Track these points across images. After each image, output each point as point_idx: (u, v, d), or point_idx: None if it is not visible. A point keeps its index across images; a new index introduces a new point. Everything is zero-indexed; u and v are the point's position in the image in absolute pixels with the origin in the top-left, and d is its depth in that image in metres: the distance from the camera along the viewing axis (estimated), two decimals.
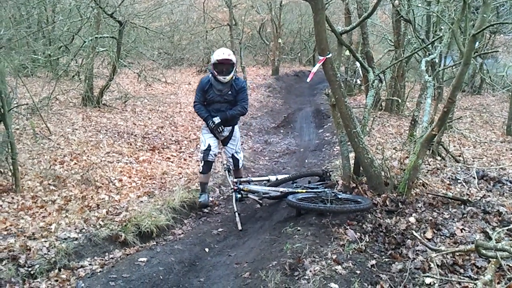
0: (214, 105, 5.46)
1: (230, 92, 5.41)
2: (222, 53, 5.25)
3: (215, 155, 5.58)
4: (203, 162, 5.49)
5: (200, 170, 5.58)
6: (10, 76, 7.90)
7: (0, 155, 5.25)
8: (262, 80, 17.83)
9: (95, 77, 10.83)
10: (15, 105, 6.30)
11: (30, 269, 3.69)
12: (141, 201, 5.34)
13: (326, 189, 4.79)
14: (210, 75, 5.36)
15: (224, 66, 5.24)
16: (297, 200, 4.55)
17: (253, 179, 5.83)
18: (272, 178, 5.73)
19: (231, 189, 5.31)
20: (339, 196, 4.59)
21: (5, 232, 4.16)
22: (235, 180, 5.42)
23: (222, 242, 4.74)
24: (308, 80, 5.13)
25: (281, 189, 5.19)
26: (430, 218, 4.19)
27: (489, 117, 12.20)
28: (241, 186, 5.23)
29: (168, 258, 4.18)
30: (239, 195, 5.24)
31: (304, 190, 4.95)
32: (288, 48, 24.56)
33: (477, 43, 6.67)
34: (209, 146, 5.46)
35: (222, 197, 6.09)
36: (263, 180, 5.79)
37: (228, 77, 5.25)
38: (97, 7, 9.20)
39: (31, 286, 3.55)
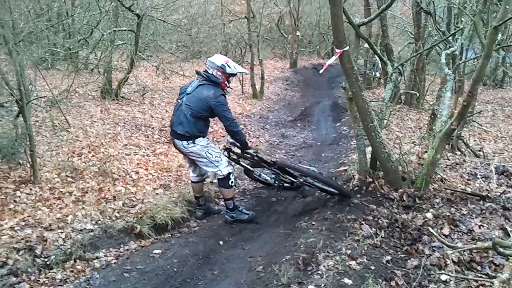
0: None
1: None
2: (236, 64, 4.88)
3: None
4: (233, 177, 4.94)
5: (233, 184, 4.95)
6: (30, 69, 8.00)
7: (19, 147, 5.33)
8: (280, 73, 17.75)
9: (113, 70, 10.89)
10: (35, 97, 6.37)
11: (46, 259, 3.74)
12: (157, 194, 5.37)
13: None
14: (218, 87, 4.74)
15: None
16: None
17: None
18: None
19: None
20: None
21: (23, 223, 4.22)
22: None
23: (236, 235, 4.73)
24: (321, 71, 5.06)
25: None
26: (448, 214, 4.12)
27: (511, 111, 11.95)
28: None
29: (183, 250, 4.20)
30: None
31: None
32: (307, 40, 24.34)
33: (500, 35, 6.51)
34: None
35: (237, 190, 6.07)
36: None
37: None
38: (115, 0, 9.24)
39: (47, 276, 3.60)
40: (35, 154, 5.18)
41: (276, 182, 5.30)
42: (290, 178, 5.30)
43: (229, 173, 4.82)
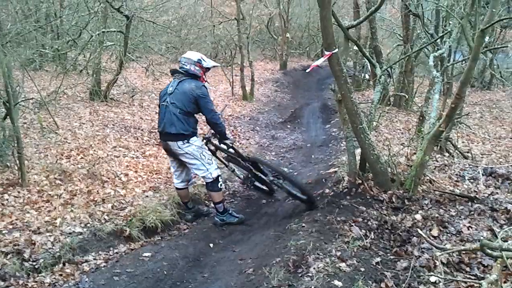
0: None
1: None
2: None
3: None
4: (221, 179, 4.98)
5: (223, 188, 5.08)
6: (17, 70, 7.92)
7: (7, 149, 5.27)
8: (270, 74, 17.77)
9: (102, 72, 10.82)
10: (22, 99, 6.30)
11: (34, 263, 3.71)
12: (147, 196, 5.34)
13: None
14: (198, 80, 4.79)
15: None
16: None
17: None
18: None
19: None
20: None
21: (11, 226, 4.18)
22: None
23: (226, 237, 4.73)
24: (308, 70, 5.08)
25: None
26: (437, 215, 4.15)
27: (498, 113, 12.09)
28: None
29: (173, 253, 4.18)
30: None
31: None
32: (296, 42, 24.41)
33: (487, 38, 6.57)
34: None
35: (228, 192, 6.06)
36: None
37: None
38: (104, 1, 9.18)
39: (36, 280, 3.57)
40: (23, 156, 5.12)
41: (243, 175, 5.36)
42: (261, 175, 5.22)
43: (218, 176, 4.82)
